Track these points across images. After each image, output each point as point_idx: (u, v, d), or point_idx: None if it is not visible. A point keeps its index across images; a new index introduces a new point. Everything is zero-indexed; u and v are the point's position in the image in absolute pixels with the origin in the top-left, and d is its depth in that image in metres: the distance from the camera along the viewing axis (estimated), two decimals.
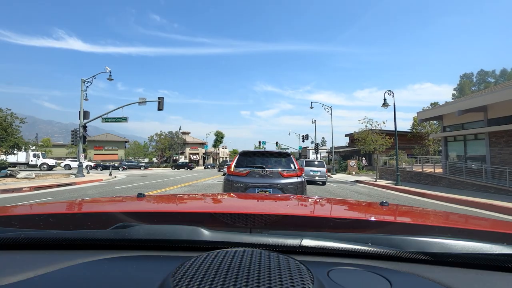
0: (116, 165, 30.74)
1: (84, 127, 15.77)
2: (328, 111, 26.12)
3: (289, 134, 49.78)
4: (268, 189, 4.15)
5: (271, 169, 4.27)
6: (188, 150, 62.64)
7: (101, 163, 31.65)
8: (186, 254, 0.64)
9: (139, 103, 16.94)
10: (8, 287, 0.52)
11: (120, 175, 18.80)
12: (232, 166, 4.32)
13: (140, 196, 1.32)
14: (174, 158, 51.32)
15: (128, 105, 17.06)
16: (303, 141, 40.48)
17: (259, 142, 49.65)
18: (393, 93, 13.33)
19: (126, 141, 51.41)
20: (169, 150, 52.12)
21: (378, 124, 15.72)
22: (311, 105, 27.18)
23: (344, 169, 26.35)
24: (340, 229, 0.86)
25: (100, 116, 16.38)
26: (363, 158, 27.87)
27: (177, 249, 0.70)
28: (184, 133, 69.32)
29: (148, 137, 52.02)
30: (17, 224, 0.92)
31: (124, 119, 16.56)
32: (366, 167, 26.72)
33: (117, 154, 48.78)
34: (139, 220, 0.90)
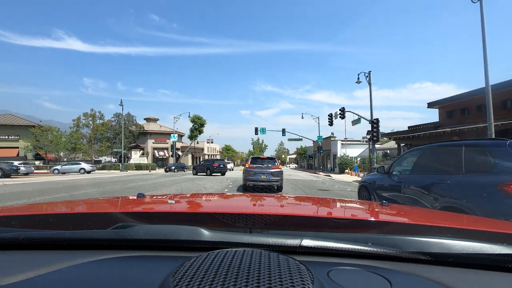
0: None
1: None
2: None
3: (302, 118, 37.17)
4: (265, 173, 10.30)
5: (266, 165, 10.65)
6: (151, 143, 38.44)
7: None
8: (186, 254, 0.68)
9: None
10: (8, 287, 0.55)
11: None
12: (248, 163, 10.72)
13: (140, 196, 1.40)
14: (128, 155, 28.40)
15: None
16: (331, 123, 25.19)
17: (256, 129, 36.99)
18: None
19: (32, 126, 27.86)
20: (113, 143, 28.56)
21: None
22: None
23: None
24: (340, 229, 0.93)
25: None
26: None
27: (177, 249, 0.73)
28: (148, 119, 45.51)
29: (73, 120, 29.01)
30: (17, 224, 0.99)
31: None
32: None
33: (18, 147, 25.51)
34: (139, 220, 0.97)
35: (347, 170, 31.17)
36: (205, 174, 25.38)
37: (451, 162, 3.40)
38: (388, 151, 26.71)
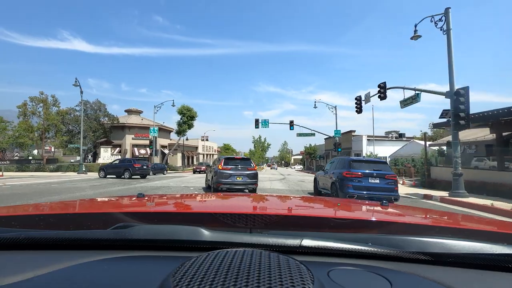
0: None
1: None
2: None
3: (315, 107, 30.28)
4: (241, 175, 10.28)
5: (242, 166, 10.62)
6: (130, 139, 28.92)
7: None
8: (186, 254, 0.71)
9: None
10: (8, 287, 0.58)
11: None
12: (222, 165, 10.30)
13: (140, 196, 1.40)
14: (97, 152, 19.95)
15: None
16: (360, 110, 19.04)
17: (257, 121, 29.45)
18: None
19: None
20: (77, 138, 19.63)
21: None
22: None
23: None
24: (340, 229, 0.96)
25: None
26: None
27: (177, 249, 0.77)
28: (130, 111, 37.06)
29: (18, 107, 19.74)
30: (17, 224, 1.00)
31: None
32: None
33: None
34: (139, 220, 0.99)
35: None
36: (115, 176, 21.04)
37: (337, 164, 9.70)
38: (445, 148, 18.74)
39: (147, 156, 40.72)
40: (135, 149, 40.97)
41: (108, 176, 21.17)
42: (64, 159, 36.49)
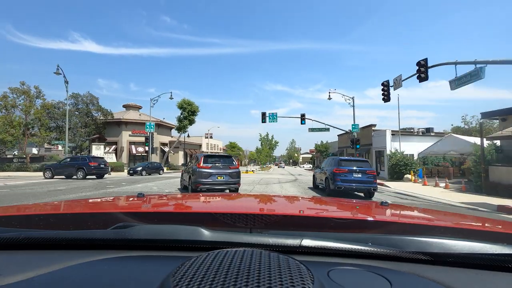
0: None
1: None
2: None
3: (329, 98, 27.52)
4: (222, 174, 9.51)
5: (223, 164, 9.83)
6: (127, 136, 25.42)
7: None
8: (186, 254, 0.73)
9: None
10: (8, 287, 0.60)
11: None
12: (201, 163, 9.38)
13: (140, 196, 1.42)
14: (85, 151, 16.92)
15: None
16: (387, 98, 16.89)
17: (263, 114, 26.83)
18: None
19: None
20: (63, 133, 16.45)
21: None
22: None
23: None
24: (340, 229, 0.98)
25: None
26: None
27: (177, 249, 0.79)
28: (128, 107, 33.77)
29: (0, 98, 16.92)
30: (17, 224, 1.03)
31: None
32: None
33: None
34: (139, 220, 1.01)
35: (408, 175, 19.39)
36: (64, 177, 18.80)
37: (330, 162, 12.01)
38: (498, 143, 15.08)
39: (145, 154, 38.12)
40: (132, 146, 38.30)
41: (56, 176, 18.42)
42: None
